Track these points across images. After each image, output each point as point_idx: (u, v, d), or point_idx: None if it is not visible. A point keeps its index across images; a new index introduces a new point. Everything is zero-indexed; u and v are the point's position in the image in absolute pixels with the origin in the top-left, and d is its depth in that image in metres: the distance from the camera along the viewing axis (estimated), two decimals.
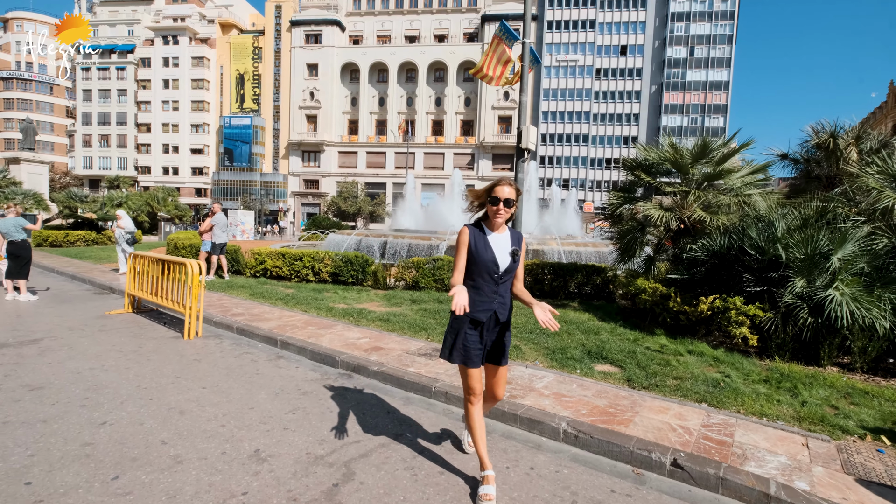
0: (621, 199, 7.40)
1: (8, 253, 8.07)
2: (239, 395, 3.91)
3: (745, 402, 3.88)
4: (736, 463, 2.93)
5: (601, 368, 4.72)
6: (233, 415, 3.50)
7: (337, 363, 4.86)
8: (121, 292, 8.90)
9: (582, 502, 2.60)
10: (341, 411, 3.68)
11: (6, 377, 4.09)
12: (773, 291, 5.26)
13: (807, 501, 2.56)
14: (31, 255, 8.34)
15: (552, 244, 14.51)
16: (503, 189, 2.52)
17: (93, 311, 7.24)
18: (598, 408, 3.73)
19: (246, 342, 5.72)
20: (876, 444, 3.29)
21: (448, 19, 60.36)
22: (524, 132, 8.66)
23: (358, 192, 56.59)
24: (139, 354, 4.99)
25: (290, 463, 2.84)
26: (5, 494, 2.38)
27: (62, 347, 5.13)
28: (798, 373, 4.65)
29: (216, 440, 3.07)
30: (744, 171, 7.05)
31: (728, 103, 57.73)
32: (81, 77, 64.90)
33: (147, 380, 4.21)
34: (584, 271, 9.24)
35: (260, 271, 10.77)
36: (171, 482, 2.56)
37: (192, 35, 62.25)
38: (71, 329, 5.98)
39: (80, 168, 65.11)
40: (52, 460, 2.75)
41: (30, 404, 3.53)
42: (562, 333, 5.88)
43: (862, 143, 8.78)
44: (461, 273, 2.55)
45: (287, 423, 3.39)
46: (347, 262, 10.01)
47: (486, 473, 2.62)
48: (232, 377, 4.38)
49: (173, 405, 3.64)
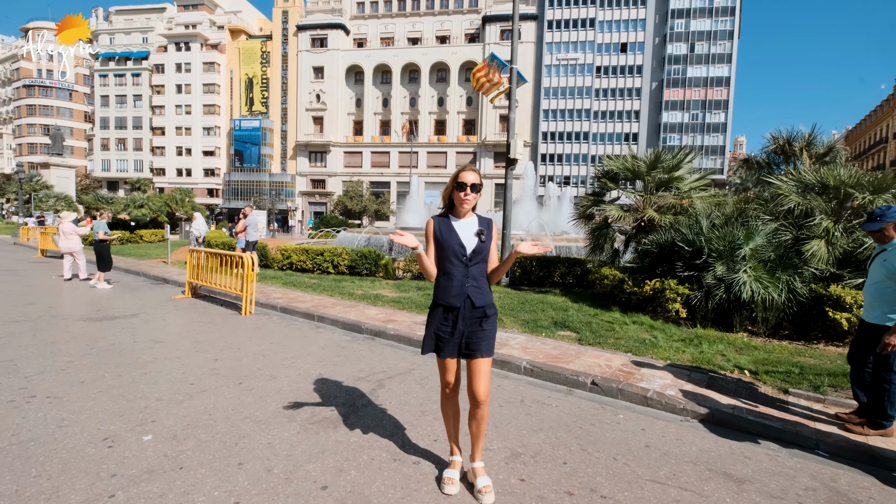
0: (590, 201, 8.94)
1: (94, 250, 9.80)
2: (297, 348, 5.50)
3: (659, 351, 5.42)
4: (633, 382, 4.47)
5: (562, 333, 6.27)
6: (298, 357, 5.09)
7: (362, 330, 6.45)
8: (173, 282, 10.57)
9: (528, 402, 4.15)
10: (370, 357, 5.26)
11: (135, 335, 5.73)
12: (699, 275, 6.78)
13: (666, 398, 4.10)
14: (109, 253, 10.04)
15: (544, 240, 15.98)
16: (468, 175, 2.55)
17: (160, 295, 8.89)
18: (551, 355, 5.28)
19: (289, 318, 7.32)
20: (740, 375, 4.81)
21: (449, 21, 61.74)
22: (512, 144, 10.19)
23: (363, 191, 58.35)
24: (214, 324, 6.61)
25: (343, 380, 4.41)
26: (185, 398, 3.96)
27: (156, 319, 6.78)
28: (711, 335, 6.18)
29: (293, 369, 4.67)
30: (693, 178, 8.55)
31: (729, 99, 58.51)
32: (99, 83, 67.15)
33: (229, 338, 5.81)
34: (566, 263, 10.76)
35: (286, 265, 12.40)
36: (272, 386, 4.14)
37: (203, 41, 64.15)
38: (154, 308, 7.62)
39: (98, 170, 67.40)
40: (199, 375, 4.34)
41: (162, 350, 5.15)
42: (537, 310, 7.43)
43: (813, 147, 10.24)
44: (433, 264, 2.63)
45: (335, 362, 4.98)
46: (362, 256, 11.61)
47: (453, 459, 2.76)
48: (288, 338, 5.98)
49: (256, 352, 5.24)
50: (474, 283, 2.57)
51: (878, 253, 3.46)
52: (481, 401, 2.54)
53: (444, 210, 2.70)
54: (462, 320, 2.56)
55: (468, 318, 2.57)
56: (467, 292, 2.55)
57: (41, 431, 3.13)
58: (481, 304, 2.57)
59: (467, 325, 2.57)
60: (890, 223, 3.32)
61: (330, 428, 3.36)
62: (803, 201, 6.83)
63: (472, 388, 2.56)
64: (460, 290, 2.55)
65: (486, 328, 2.58)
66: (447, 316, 2.58)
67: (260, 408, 3.67)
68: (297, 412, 3.61)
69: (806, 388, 4.35)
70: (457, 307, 2.56)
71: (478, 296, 2.57)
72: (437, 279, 2.64)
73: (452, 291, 2.56)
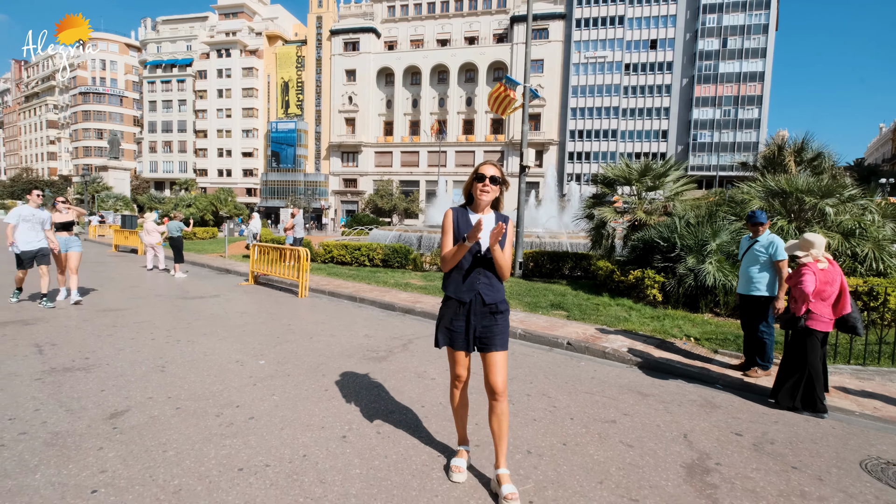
0: (590, 204, 10.33)
1: (171, 245, 11.87)
2: (346, 320, 7.20)
3: (629, 324, 6.85)
4: (597, 343, 5.94)
5: (556, 312, 7.75)
6: (346, 326, 6.78)
7: (396, 308, 8.11)
8: (235, 272, 12.54)
9: (517, 355, 5.67)
10: (402, 326, 6.90)
11: (224, 308, 7.58)
12: (673, 266, 8.12)
13: (619, 353, 5.56)
14: (182, 246, 12.10)
15: (561, 238, 17.41)
16: (487, 168, 2.53)
17: (229, 282, 10.82)
18: (542, 326, 6.79)
19: (336, 300, 9.05)
20: (686, 341, 6.20)
21: (478, 21, 62.95)
22: (524, 153, 11.65)
23: (393, 189, 60.50)
24: (279, 303, 8.41)
25: (381, 340, 6.06)
26: (277, 344, 5.69)
27: (234, 299, 8.64)
28: (677, 314, 7.54)
29: (345, 332, 6.36)
30: (678, 184, 9.82)
31: (763, 94, 57.42)
32: (147, 89, 71.77)
33: (294, 312, 7.57)
34: (574, 258, 12.14)
35: (328, 258, 14.24)
36: (334, 340, 5.83)
37: (242, 47, 67.64)
38: (228, 291, 9.53)
39: (147, 172, 72.11)
40: (281, 332, 6.08)
41: (248, 318, 6.96)
42: (539, 295, 8.93)
43: (804, 153, 11.33)
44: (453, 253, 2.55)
45: (376, 328, 6.64)
46: (394, 251, 13.32)
47: (460, 448, 2.82)
48: (338, 313, 7.70)
49: (316, 321, 6.97)
50: (486, 280, 2.56)
51: (751, 245, 4.86)
52: (499, 392, 2.53)
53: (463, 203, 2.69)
54: (474, 315, 2.56)
55: (479, 314, 2.56)
56: (478, 289, 2.55)
57: (197, 357, 4.90)
58: (492, 301, 2.56)
59: (479, 320, 2.56)
60: (758, 222, 4.77)
61: (375, 362, 5.01)
62: (765, 204, 8.06)
63: (489, 380, 2.57)
64: (472, 286, 2.55)
65: (499, 322, 2.58)
66: (458, 310, 2.59)
67: (328, 351, 5.36)
68: (353, 354, 5.28)
69: (731, 349, 5.73)
70: (466, 302, 2.56)
71: (489, 293, 2.56)
72: (449, 272, 2.62)
73: (464, 287, 2.56)
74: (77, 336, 5.59)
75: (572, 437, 3.38)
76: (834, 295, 3.94)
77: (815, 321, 3.94)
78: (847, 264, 7.18)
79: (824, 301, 3.92)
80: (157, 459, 2.79)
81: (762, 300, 4.77)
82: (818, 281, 3.88)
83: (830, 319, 3.99)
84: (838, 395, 4.42)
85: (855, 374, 5.11)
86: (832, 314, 3.99)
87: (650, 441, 3.36)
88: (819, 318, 3.93)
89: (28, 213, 7.29)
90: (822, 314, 3.92)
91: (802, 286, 3.86)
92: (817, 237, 4.10)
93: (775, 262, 4.68)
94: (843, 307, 3.97)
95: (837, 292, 3.95)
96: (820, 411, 3.95)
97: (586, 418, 3.73)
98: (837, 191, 7.58)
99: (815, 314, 3.91)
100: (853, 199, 7.57)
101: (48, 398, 3.64)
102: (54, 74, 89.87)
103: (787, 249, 4.38)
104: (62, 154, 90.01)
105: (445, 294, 2.67)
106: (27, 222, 7.27)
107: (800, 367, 4.00)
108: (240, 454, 2.89)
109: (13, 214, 7.23)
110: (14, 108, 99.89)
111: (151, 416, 3.39)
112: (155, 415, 3.41)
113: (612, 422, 3.69)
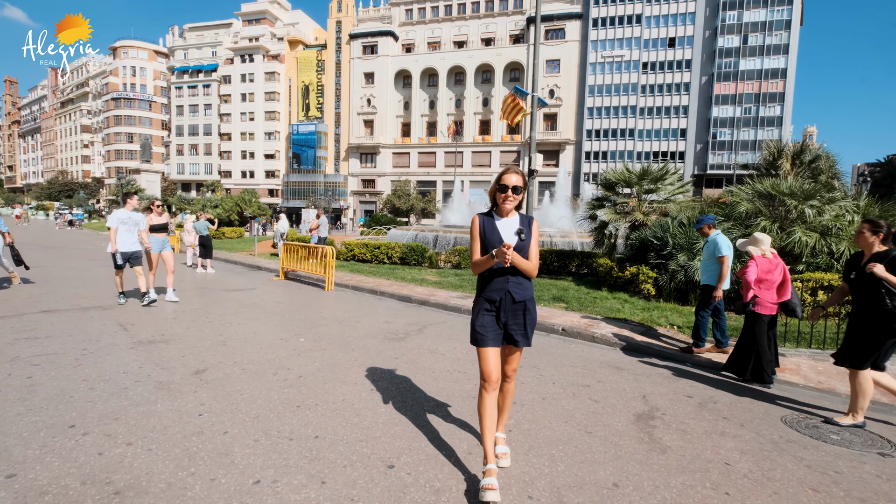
0: (593, 206, 11.12)
1: (199, 243, 13.07)
2: (368, 309, 8.18)
3: (621, 314, 7.66)
4: (589, 329, 6.78)
5: (557, 304, 8.59)
6: (369, 314, 7.76)
7: (412, 300, 9.06)
8: (265, 268, 13.68)
9: None
10: (417, 315, 7.85)
11: (262, 299, 8.66)
12: (665, 263, 8.87)
13: (606, 337, 6.39)
14: (211, 244, 13.29)
15: (572, 237, 18.14)
16: (510, 177, 2.67)
17: (261, 277, 11.95)
18: (542, 315, 7.64)
19: (359, 293, 10.05)
20: (669, 328, 6.99)
21: (494, 23, 63.55)
22: (533, 158, 12.47)
23: (410, 190, 61.67)
24: (308, 296, 9.45)
25: (400, 325, 7.02)
26: (312, 327, 6.69)
27: (269, 291, 9.73)
28: (667, 307, 8.30)
29: (369, 318, 7.33)
30: (674, 187, 10.53)
31: (785, 91, 56.62)
32: (175, 94, 74.45)
33: (322, 303, 8.59)
34: (581, 256, 12.93)
35: (349, 256, 15.30)
36: (360, 325, 6.80)
37: (264, 53, 69.67)
38: (262, 285, 10.63)
39: (174, 174, 74.84)
40: (314, 319, 7.08)
41: (284, 307, 8.00)
42: (543, 290, 9.77)
43: (803, 155, 11.91)
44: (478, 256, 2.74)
45: (395, 316, 7.60)
46: (411, 249, 14.29)
47: (488, 467, 2.64)
48: (361, 304, 8.69)
49: (343, 310, 7.97)
50: (514, 279, 2.71)
51: (704, 244, 5.74)
52: (508, 375, 2.89)
53: (489, 208, 2.86)
54: (504, 312, 2.73)
55: (509, 311, 2.73)
56: (508, 287, 2.70)
57: (249, 335, 5.93)
58: (521, 299, 2.73)
59: (508, 317, 2.74)
60: (704, 224, 5.66)
61: (396, 341, 5.96)
62: (752, 206, 8.75)
63: (503, 367, 2.86)
64: (502, 285, 2.71)
65: (527, 321, 2.76)
66: (489, 307, 2.76)
67: (354, 333, 6.34)
68: (375, 335, 6.24)
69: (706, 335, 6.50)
70: (497, 300, 2.73)
71: (518, 291, 2.72)
72: (480, 274, 2.79)
73: (494, 286, 2.72)
74: (148, 319, 6.70)
75: (551, 394, 4.27)
76: (776, 283, 4.72)
77: (760, 306, 4.73)
78: (824, 261, 7.84)
79: (768, 289, 4.71)
80: (237, 399, 3.78)
81: (708, 289, 5.66)
82: (760, 271, 4.68)
83: (774, 304, 4.77)
84: (791, 371, 5.19)
85: (812, 356, 5.86)
86: (776, 299, 4.77)
87: (613, 398, 4.23)
88: (764, 304, 4.72)
89: (125, 216, 7.72)
90: (766, 300, 4.71)
91: (746, 275, 4.67)
92: (764, 236, 4.90)
93: (717, 257, 5.57)
94: (784, 294, 4.75)
95: (780, 281, 4.73)
96: (767, 382, 4.74)
97: (565, 383, 4.61)
98: (819, 193, 8.24)
99: (761, 300, 4.71)
100: (833, 201, 8.21)
101: (145, 360, 4.69)
102: (88, 81, 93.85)
103: (739, 246, 5.17)
104: (95, 157, 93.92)
105: (477, 294, 2.86)
106: (125, 225, 7.70)
107: (750, 346, 4.80)
108: (296, 398, 3.87)
109: (113, 218, 7.69)
110: (50, 114, 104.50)
111: (225, 373, 4.41)
112: (228, 373, 4.42)
113: (587, 386, 4.56)
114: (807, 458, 3.20)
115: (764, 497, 2.69)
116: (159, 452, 2.89)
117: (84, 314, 6.79)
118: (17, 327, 5.85)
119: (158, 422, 3.31)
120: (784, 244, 8.37)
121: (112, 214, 7.82)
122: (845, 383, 4.66)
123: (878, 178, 60.11)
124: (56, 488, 2.48)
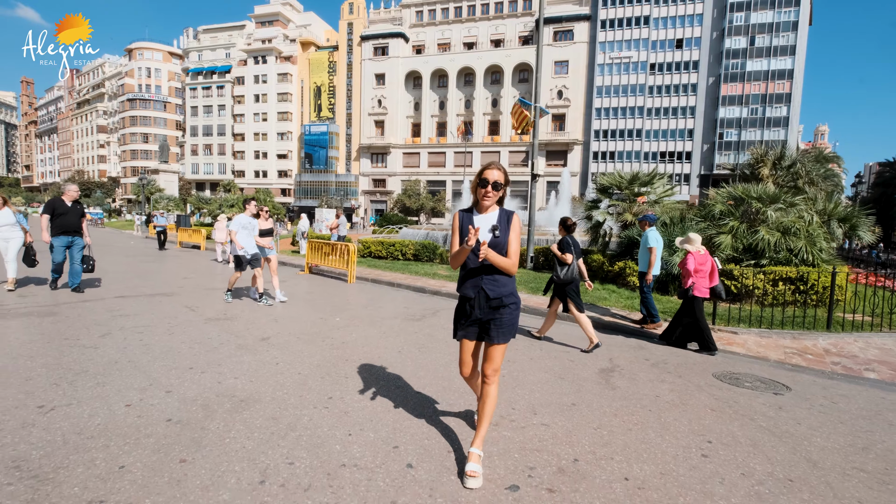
0: (588, 206, 12.29)
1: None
2: (388, 297, 9.45)
3: (606, 303, 8.85)
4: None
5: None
6: (389, 301, 9.02)
7: (426, 291, 10.32)
8: (290, 264, 15.02)
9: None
10: (431, 302, 9.10)
11: (294, 290, 9.98)
12: None
13: (590, 318, 7.60)
14: None
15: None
16: (492, 172, 2.68)
17: (288, 272, 13.28)
18: (537, 303, 8.87)
19: (377, 285, 11.33)
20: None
21: (504, 24, 64.56)
22: (535, 163, 13.68)
23: (420, 189, 63.00)
24: (333, 287, 10.75)
25: (417, 310, 8.27)
26: (341, 311, 7.97)
27: (298, 284, 11.04)
28: None
29: (390, 305, 8.61)
30: (660, 190, 11.67)
31: (792, 92, 56.98)
32: (189, 95, 76.40)
33: (347, 293, 9.88)
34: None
35: (366, 253, 16.61)
36: (382, 309, 8.07)
37: (277, 54, 71.34)
38: (291, 278, 11.95)
39: (189, 173, 76.82)
40: (342, 304, 8.36)
41: (314, 296, 9.30)
42: (541, 282, 10.98)
43: (783, 160, 13.01)
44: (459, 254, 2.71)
45: (411, 303, 8.87)
46: (423, 247, 15.56)
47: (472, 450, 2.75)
48: (381, 293, 9.97)
49: (366, 298, 9.26)
50: (489, 276, 2.69)
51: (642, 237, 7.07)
52: (487, 375, 2.78)
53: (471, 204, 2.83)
54: (478, 309, 2.72)
55: (484, 308, 2.72)
56: (481, 284, 2.70)
57: (294, 315, 7.22)
58: (496, 296, 2.69)
59: (484, 314, 2.73)
60: (645, 222, 6.96)
61: (414, 321, 7.23)
62: (725, 208, 9.89)
63: (482, 366, 2.85)
64: (475, 282, 2.72)
65: (504, 316, 2.73)
66: (464, 305, 2.81)
67: (379, 314, 7.61)
68: (397, 316, 7.51)
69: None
70: (472, 297, 2.74)
71: (493, 288, 2.70)
72: (459, 270, 2.84)
73: (468, 283, 2.75)
74: (207, 302, 8.03)
75: (537, 356, 5.50)
76: (708, 272, 5.93)
77: (698, 290, 5.95)
78: (784, 256, 8.97)
79: (703, 277, 5.92)
80: (300, 355, 5.07)
81: (643, 274, 7.04)
82: (696, 263, 5.91)
83: (706, 289, 6.00)
84: (738, 345, 6.37)
85: (760, 334, 7.03)
86: (708, 285, 6.00)
87: (586, 359, 5.46)
88: (699, 289, 5.95)
89: (245, 221, 8.19)
90: (701, 286, 5.94)
91: (686, 266, 5.90)
92: (696, 236, 6.18)
93: (647, 248, 6.98)
94: (712, 281, 6.00)
95: (710, 271, 5.94)
96: (712, 349, 5.93)
97: (550, 349, 5.85)
98: (783, 198, 9.36)
99: (697, 286, 5.93)
100: (794, 205, 9.34)
101: (220, 331, 6.00)
102: (104, 82, 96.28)
103: (679, 243, 6.40)
104: (111, 157, 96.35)
105: (457, 290, 2.88)
106: (245, 229, 8.14)
107: (691, 323, 6.00)
108: (344, 355, 5.14)
109: (236, 222, 8.15)
110: (67, 115, 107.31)
111: (285, 340, 5.70)
112: (287, 340, 5.71)
113: (566, 351, 5.79)
114: (718, 395, 4.41)
115: (675, 413, 3.91)
116: (258, 383, 4.17)
117: (153, 299, 8.13)
118: (107, 308, 7.19)
119: (249, 367, 4.60)
120: (750, 242, 9.52)
121: (234, 219, 8.28)
122: (777, 353, 5.84)
123: (887, 177, 60.22)
124: (201, 399, 3.75)
